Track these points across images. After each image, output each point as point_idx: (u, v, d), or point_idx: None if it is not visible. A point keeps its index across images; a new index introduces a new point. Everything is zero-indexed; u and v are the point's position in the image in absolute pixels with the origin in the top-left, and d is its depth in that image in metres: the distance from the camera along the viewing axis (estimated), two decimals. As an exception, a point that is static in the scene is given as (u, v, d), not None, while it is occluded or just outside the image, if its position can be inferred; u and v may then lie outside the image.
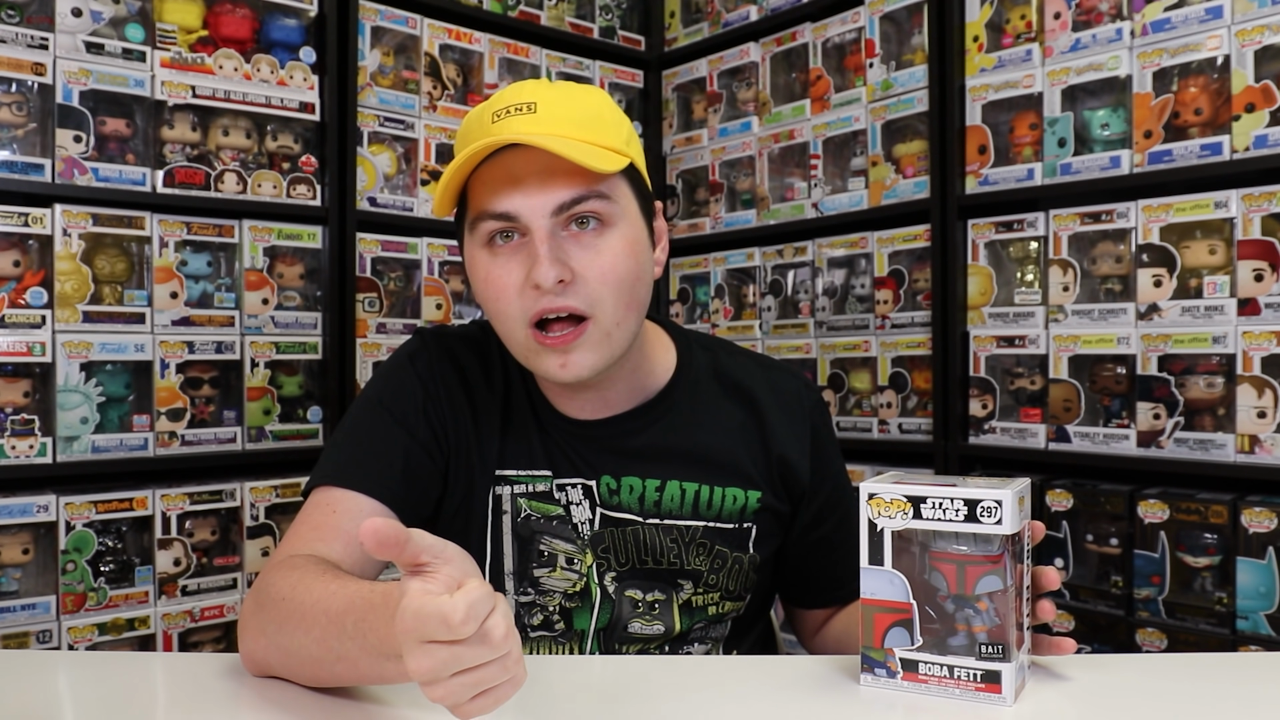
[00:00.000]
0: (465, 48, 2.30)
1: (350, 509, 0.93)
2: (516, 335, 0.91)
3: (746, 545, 1.04)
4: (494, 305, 0.91)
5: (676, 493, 1.01)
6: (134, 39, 1.84)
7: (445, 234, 2.24)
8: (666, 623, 1.02)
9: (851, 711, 0.79)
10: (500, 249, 0.89)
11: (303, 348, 2.03)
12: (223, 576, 1.92)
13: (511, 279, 0.89)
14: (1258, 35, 1.64)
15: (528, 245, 0.88)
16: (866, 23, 2.18)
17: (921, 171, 2.09)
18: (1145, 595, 1.73)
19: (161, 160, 1.88)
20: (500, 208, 0.88)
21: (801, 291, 2.35)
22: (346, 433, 1.00)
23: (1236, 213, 1.66)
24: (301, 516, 0.94)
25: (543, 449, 1.00)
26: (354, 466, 0.95)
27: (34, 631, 1.70)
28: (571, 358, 0.89)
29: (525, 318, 0.89)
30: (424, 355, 1.02)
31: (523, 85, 0.93)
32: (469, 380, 1.01)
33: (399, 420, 0.98)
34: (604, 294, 0.89)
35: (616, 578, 1.01)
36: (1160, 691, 0.84)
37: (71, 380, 1.76)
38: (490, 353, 1.04)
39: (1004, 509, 0.76)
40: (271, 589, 0.83)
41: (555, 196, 0.87)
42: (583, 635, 1.01)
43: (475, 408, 1.01)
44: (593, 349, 0.90)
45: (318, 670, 0.77)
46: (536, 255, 0.87)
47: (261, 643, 0.83)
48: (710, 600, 1.03)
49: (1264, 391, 1.63)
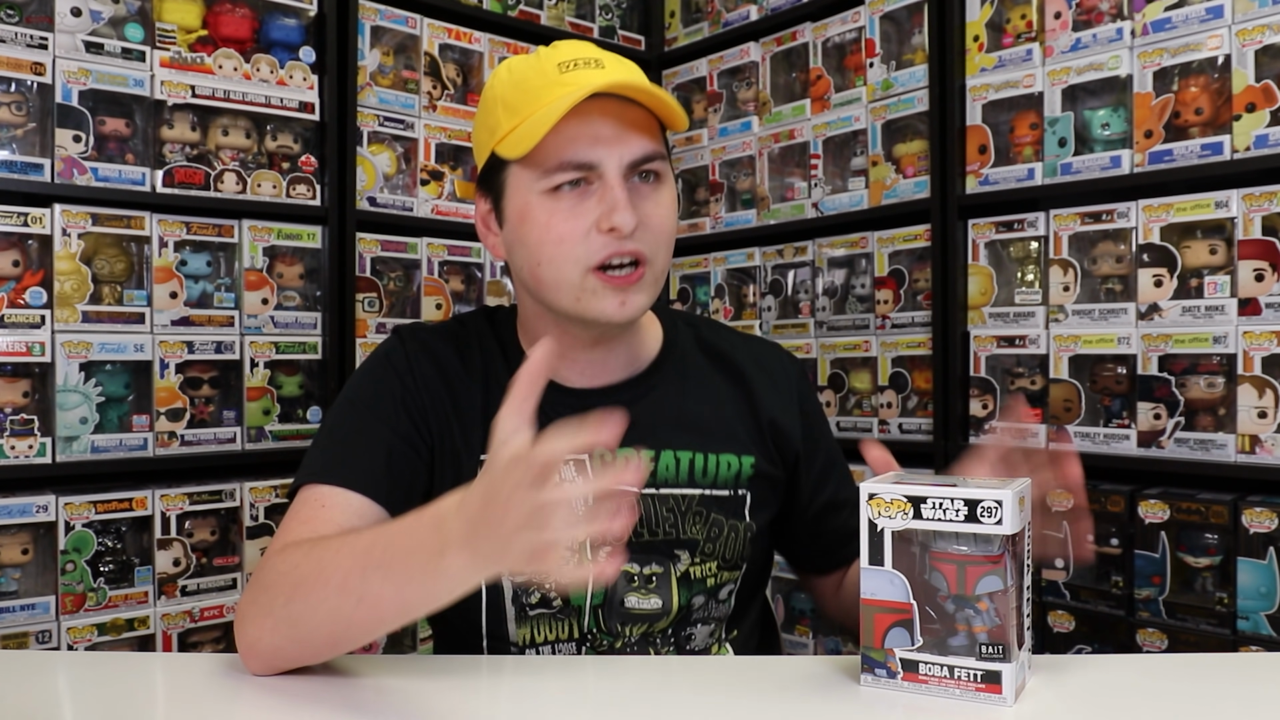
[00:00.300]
0: (465, 47, 2.30)
1: (339, 504, 0.94)
2: (571, 278, 0.95)
3: (742, 513, 1.06)
4: (554, 249, 0.94)
5: (671, 462, 1.03)
6: (133, 39, 1.84)
7: (445, 234, 2.24)
8: (664, 596, 1.03)
9: (851, 711, 0.79)
10: (565, 195, 0.94)
11: (302, 348, 2.03)
12: (222, 577, 1.92)
13: (579, 224, 0.94)
14: (1258, 35, 1.64)
15: (597, 192, 0.94)
16: (867, 22, 2.18)
17: (922, 171, 2.09)
18: (1146, 595, 1.73)
19: (161, 160, 1.87)
20: (582, 157, 0.93)
21: (802, 291, 2.35)
22: (327, 433, 1.02)
23: (1237, 212, 1.66)
24: (290, 515, 0.95)
25: None
26: (338, 464, 0.97)
27: (33, 632, 1.70)
28: (630, 297, 0.95)
29: (588, 261, 0.94)
30: (399, 351, 1.04)
31: (574, 43, 0.99)
32: (446, 371, 1.04)
33: (379, 416, 1.00)
34: (659, 243, 0.97)
35: None
36: (1160, 691, 0.84)
37: (71, 380, 1.76)
38: (469, 343, 1.06)
39: (1004, 509, 0.76)
40: (274, 570, 0.84)
41: (631, 150, 0.94)
42: (580, 611, 1.02)
43: (455, 397, 1.03)
44: (645, 291, 0.97)
45: (332, 626, 0.79)
46: (616, 201, 0.92)
47: (267, 624, 0.83)
48: (708, 571, 1.04)
49: (1265, 391, 1.63)
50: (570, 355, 1.03)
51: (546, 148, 0.93)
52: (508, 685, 0.89)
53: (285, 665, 0.85)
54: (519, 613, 1.02)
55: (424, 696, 0.83)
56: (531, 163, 0.94)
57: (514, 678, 0.90)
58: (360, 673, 0.87)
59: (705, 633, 1.07)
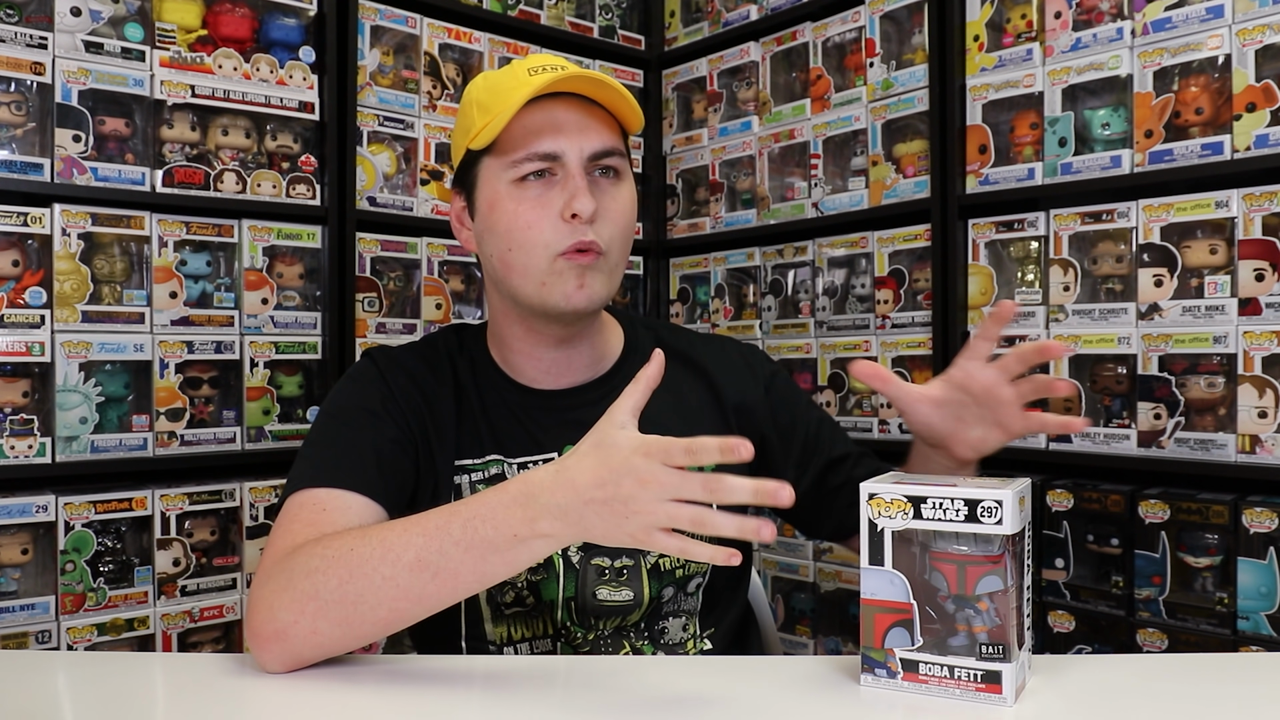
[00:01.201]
0: (465, 47, 2.30)
1: (339, 505, 0.95)
2: (539, 263, 1.01)
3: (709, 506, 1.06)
4: (523, 234, 1.00)
5: None
6: (133, 38, 1.84)
7: (445, 234, 2.24)
8: (635, 589, 1.05)
9: (851, 712, 0.79)
10: (531, 185, 1.01)
11: (302, 347, 2.03)
12: (222, 577, 1.92)
13: (546, 211, 1.00)
14: (1259, 34, 1.64)
15: (560, 183, 1.01)
16: (867, 22, 2.18)
17: (922, 171, 2.09)
18: (1146, 595, 1.73)
19: (161, 160, 1.87)
20: (546, 148, 1.00)
21: (802, 291, 2.35)
22: (313, 443, 1.04)
23: (1237, 212, 1.66)
24: (289, 518, 0.95)
25: (490, 434, 1.07)
26: (331, 468, 0.98)
27: (33, 632, 1.70)
28: (587, 279, 1.01)
29: (555, 246, 1.00)
30: (373, 367, 1.09)
31: (547, 55, 1.07)
32: (419, 380, 1.08)
33: (365, 421, 1.03)
34: (616, 235, 1.03)
35: (582, 546, 1.04)
36: (1160, 691, 0.84)
37: (70, 380, 1.76)
38: (439, 355, 1.11)
39: (1004, 509, 0.76)
40: (317, 557, 0.85)
41: (592, 143, 1.01)
42: (553, 606, 1.04)
43: (430, 404, 1.07)
44: (601, 278, 1.02)
45: (399, 601, 0.82)
46: (577, 189, 0.99)
47: (309, 608, 0.84)
48: (676, 563, 1.07)
49: (1265, 391, 1.63)
50: (535, 354, 1.09)
51: (514, 138, 1.00)
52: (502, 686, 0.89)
53: (315, 652, 0.86)
54: (495, 611, 1.05)
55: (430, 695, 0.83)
56: (499, 152, 1.01)
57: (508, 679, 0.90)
58: (355, 673, 0.87)
59: (678, 626, 1.08)
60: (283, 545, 0.91)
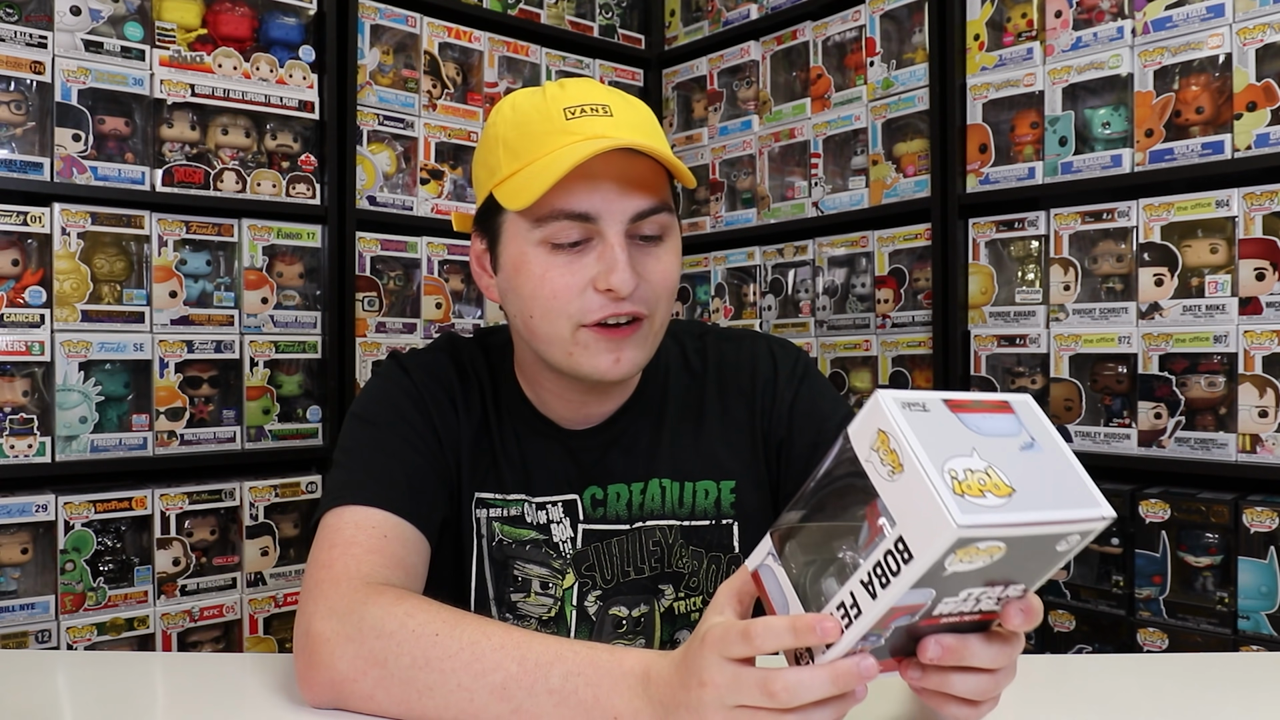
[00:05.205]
0: (465, 46, 2.30)
1: (398, 536, 0.89)
2: (562, 333, 0.90)
3: (729, 543, 1.02)
4: (548, 303, 0.89)
5: (657, 491, 1.01)
6: (133, 37, 1.84)
7: (445, 233, 2.24)
8: (648, 637, 1.01)
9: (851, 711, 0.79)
10: (562, 249, 0.88)
11: (302, 347, 2.03)
12: (222, 576, 1.92)
13: (575, 280, 0.88)
14: (1259, 34, 1.64)
15: (595, 249, 0.88)
16: (867, 21, 2.18)
17: (922, 170, 2.09)
18: (1146, 595, 1.73)
19: (160, 159, 1.87)
20: (579, 207, 0.86)
21: (802, 290, 2.35)
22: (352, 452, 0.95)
23: (1238, 211, 1.66)
24: (345, 537, 0.87)
25: (517, 472, 0.99)
26: (383, 487, 0.91)
27: (33, 631, 1.70)
28: (625, 354, 0.90)
29: (582, 318, 0.89)
30: (406, 378, 0.99)
31: (583, 84, 0.92)
32: (455, 402, 1.00)
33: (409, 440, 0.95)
34: (660, 299, 0.91)
35: (601, 596, 1.00)
36: (1161, 691, 0.83)
37: (70, 379, 1.76)
38: (466, 375, 1.02)
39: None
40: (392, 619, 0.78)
41: (634, 204, 0.88)
42: None
43: (461, 429, 0.99)
44: (640, 347, 0.92)
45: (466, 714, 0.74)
46: (615, 261, 0.86)
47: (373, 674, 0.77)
48: (693, 606, 1.02)
49: (1265, 391, 1.62)
50: (566, 397, 0.99)
51: (544, 196, 0.87)
52: None
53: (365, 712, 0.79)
54: None
55: None
56: (528, 210, 0.88)
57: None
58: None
59: None
60: (345, 568, 0.84)
